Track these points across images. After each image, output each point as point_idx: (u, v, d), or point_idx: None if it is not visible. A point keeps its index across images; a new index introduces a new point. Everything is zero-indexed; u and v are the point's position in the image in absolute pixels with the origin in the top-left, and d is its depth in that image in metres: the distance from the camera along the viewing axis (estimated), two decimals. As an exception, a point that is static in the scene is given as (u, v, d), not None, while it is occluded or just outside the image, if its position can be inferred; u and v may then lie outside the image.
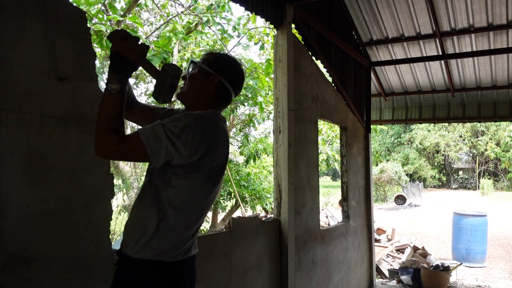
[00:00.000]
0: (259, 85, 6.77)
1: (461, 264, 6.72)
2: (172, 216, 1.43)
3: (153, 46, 5.25)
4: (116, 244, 5.15)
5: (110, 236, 1.88)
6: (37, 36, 1.62)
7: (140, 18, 8.48)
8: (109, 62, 1.41)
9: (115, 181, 2.14)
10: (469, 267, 7.36)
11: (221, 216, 9.33)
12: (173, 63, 1.42)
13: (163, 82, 1.43)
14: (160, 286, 1.43)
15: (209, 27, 6.62)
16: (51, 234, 1.62)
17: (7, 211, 1.49)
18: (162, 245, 1.42)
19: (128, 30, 4.98)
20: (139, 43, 1.38)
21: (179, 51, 7.60)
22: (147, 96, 9.67)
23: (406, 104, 6.54)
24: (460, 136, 29.49)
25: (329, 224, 8.15)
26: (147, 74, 9.80)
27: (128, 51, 1.35)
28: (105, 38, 4.43)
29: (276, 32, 3.47)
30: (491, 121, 6.81)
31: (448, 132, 29.42)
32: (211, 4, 6.13)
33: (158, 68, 1.54)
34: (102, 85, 7.57)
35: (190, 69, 1.61)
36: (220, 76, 1.58)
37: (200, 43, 7.58)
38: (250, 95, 6.85)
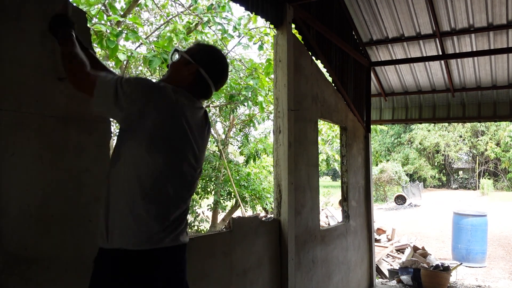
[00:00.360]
0: (259, 85, 6.77)
1: (461, 264, 6.71)
2: (120, 196, 1.41)
3: (153, 46, 5.25)
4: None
5: (110, 236, 1.88)
6: (37, 36, 1.62)
7: (140, 18, 8.48)
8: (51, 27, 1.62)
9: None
10: (469, 267, 7.36)
11: (221, 216, 9.33)
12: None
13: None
14: (119, 275, 1.39)
15: (209, 27, 6.62)
16: (51, 234, 1.62)
17: (7, 211, 1.49)
18: (114, 230, 1.40)
19: (127, 31, 4.99)
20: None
21: (179, 51, 7.59)
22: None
23: (406, 104, 6.54)
24: (460, 136, 29.49)
25: (329, 224, 8.15)
26: (147, 74, 9.80)
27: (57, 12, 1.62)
28: (105, 38, 4.42)
29: (276, 32, 3.47)
30: (491, 121, 6.81)
31: (448, 132, 29.42)
32: (212, 4, 6.13)
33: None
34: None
35: (173, 58, 1.65)
36: (199, 66, 1.60)
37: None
38: (250, 95, 6.85)
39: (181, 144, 1.52)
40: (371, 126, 5.91)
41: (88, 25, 1.87)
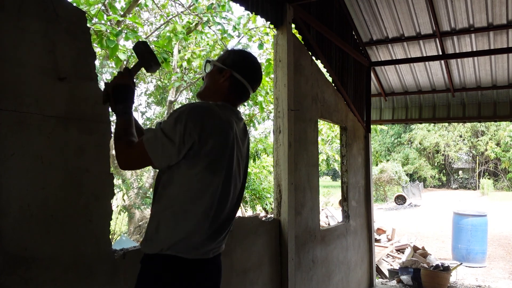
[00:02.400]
0: (259, 85, 6.76)
1: (461, 264, 6.71)
2: (176, 209, 1.45)
3: (153, 46, 5.25)
4: (116, 244, 5.16)
5: (110, 236, 1.88)
6: (37, 36, 1.62)
7: (140, 18, 8.48)
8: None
9: (115, 181, 2.14)
10: (469, 267, 7.36)
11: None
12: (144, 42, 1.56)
13: (145, 60, 1.63)
14: (165, 279, 1.44)
15: (209, 27, 6.62)
16: (51, 234, 1.62)
17: (7, 211, 1.49)
18: (167, 239, 1.44)
19: (128, 30, 4.98)
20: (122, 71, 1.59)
21: (179, 51, 7.60)
22: (147, 96, 9.69)
23: (406, 104, 6.54)
24: (460, 136, 29.49)
25: (329, 224, 8.15)
26: (147, 74, 9.81)
27: (120, 79, 1.55)
28: (105, 38, 4.42)
29: (276, 32, 3.47)
30: (491, 121, 6.81)
31: (448, 132, 29.43)
32: (212, 4, 6.13)
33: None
34: (102, 85, 7.56)
35: (207, 69, 1.66)
36: (232, 70, 1.61)
37: (200, 43, 7.59)
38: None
39: (233, 161, 1.55)
40: (371, 126, 5.91)
41: (88, 25, 1.87)
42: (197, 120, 1.42)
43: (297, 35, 3.86)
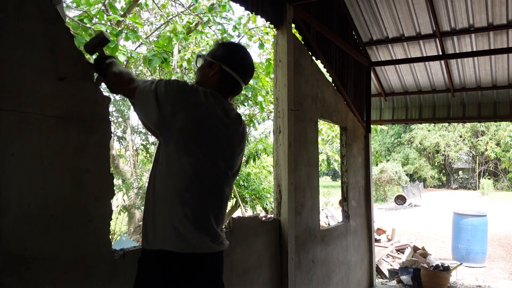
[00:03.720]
0: (259, 85, 6.77)
1: (461, 264, 6.71)
2: (159, 199, 1.46)
3: (153, 46, 5.24)
4: (116, 244, 5.16)
5: (110, 236, 1.88)
6: (37, 36, 1.62)
7: (140, 18, 8.48)
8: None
9: (115, 181, 2.14)
10: (469, 267, 7.36)
11: (221, 216, 9.32)
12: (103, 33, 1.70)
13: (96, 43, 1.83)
14: (159, 275, 1.43)
15: (209, 27, 6.62)
16: (51, 234, 1.62)
17: (8, 211, 1.49)
18: (156, 233, 1.45)
19: (128, 30, 4.98)
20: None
21: (179, 51, 7.60)
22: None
23: (406, 104, 6.54)
24: (460, 136, 29.49)
25: (329, 224, 8.15)
26: (147, 74, 9.81)
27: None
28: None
29: (276, 32, 3.47)
30: (491, 121, 6.81)
31: (448, 132, 29.43)
32: (212, 4, 6.13)
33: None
34: (102, 84, 7.56)
35: (198, 63, 1.69)
36: (221, 63, 1.61)
37: (200, 43, 7.59)
38: (250, 95, 6.85)
39: (211, 145, 1.53)
40: (371, 126, 5.91)
41: (88, 25, 1.87)
42: (180, 89, 1.49)
43: (297, 35, 3.86)
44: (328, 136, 10.18)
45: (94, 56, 1.83)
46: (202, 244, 1.47)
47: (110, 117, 1.91)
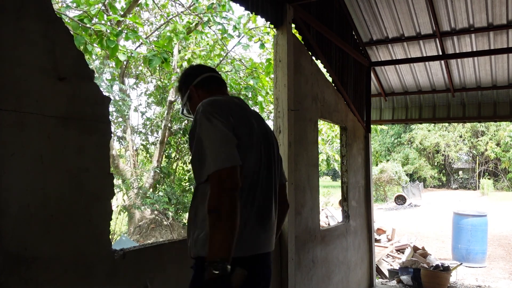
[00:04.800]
0: (259, 85, 6.77)
1: (461, 264, 6.71)
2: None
3: (153, 46, 5.24)
4: (116, 244, 5.16)
5: (110, 236, 1.88)
6: (37, 36, 1.62)
7: (140, 18, 8.48)
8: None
9: (115, 181, 2.14)
10: (469, 267, 7.36)
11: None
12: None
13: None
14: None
15: (209, 27, 6.62)
16: (51, 234, 1.62)
17: (8, 211, 1.49)
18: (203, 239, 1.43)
19: (128, 30, 4.99)
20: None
21: (179, 51, 7.60)
22: (147, 96, 9.69)
23: (406, 104, 6.54)
24: (460, 136, 29.49)
25: (329, 224, 8.15)
26: (147, 74, 9.80)
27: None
28: (105, 38, 4.42)
29: (276, 32, 3.47)
30: (491, 121, 6.81)
31: (448, 132, 29.42)
32: (212, 4, 6.14)
33: None
34: (102, 84, 7.56)
35: (185, 110, 1.77)
36: (189, 85, 1.72)
37: (200, 43, 7.59)
38: (250, 95, 6.85)
39: (257, 147, 1.55)
40: (371, 126, 5.91)
41: (88, 25, 1.87)
42: (220, 109, 1.49)
43: (297, 35, 3.86)
44: (328, 136, 10.18)
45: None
46: (257, 245, 1.53)
47: (110, 117, 1.91)
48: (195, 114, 1.51)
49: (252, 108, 1.78)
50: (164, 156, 8.66)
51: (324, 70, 4.48)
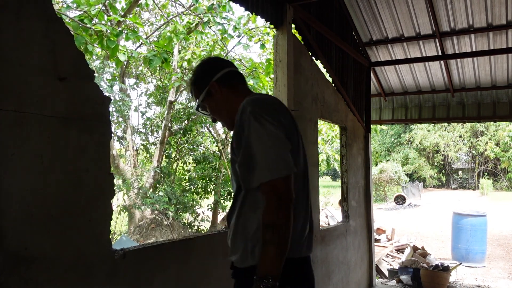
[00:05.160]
0: (259, 85, 6.77)
1: (460, 264, 6.72)
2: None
3: (153, 46, 5.25)
4: (116, 244, 5.17)
5: (110, 236, 1.88)
6: (37, 36, 1.62)
7: (141, 18, 8.49)
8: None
9: (115, 181, 2.14)
10: (468, 267, 7.36)
11: (221, 216, 9.34)
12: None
13: None
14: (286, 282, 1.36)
15: (210, 27, 6.62)
16: (51, 234, 1.62)
17: (8, 211, 1.49)
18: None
19: (128, 31, 4.98)
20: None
21: (179, 52, 7.60)
22: (147, 96, 9.70)
23: (406, 104, 6.54)
24: (460, 136, 29.50)
25: (329, 224, 8.15)
26: (148, 74, 9.80)
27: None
28: (105, 38, 4.42)
29: (276, 32, 3.48)
30: (490, 121, 6.81)
31: (448, 132, 29.44)
32: (212, 4, 6.14)
33: None
34: (102, 84, 7.56)
35: (200, 108, 1.61)
36: (211, 79, 1.55)
37: (200, 43, 7.59)
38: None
39: (302, 150, 1.54)
40: (371, 126, 5.91)
41: (88, 25, 1.86)
42: (270, 109, 1.41)
43: (297, 35, 3.87)
44: (328, 136, 10.18)
45: None
46: (302, 247, 1.52)
47: (110, 117, 1.91)
48: (240, 113, 1.40)
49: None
50: (164, 156, 8.67)
51: (324, 70, 4.48)
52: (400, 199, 19.50)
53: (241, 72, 1.67)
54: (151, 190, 7.75)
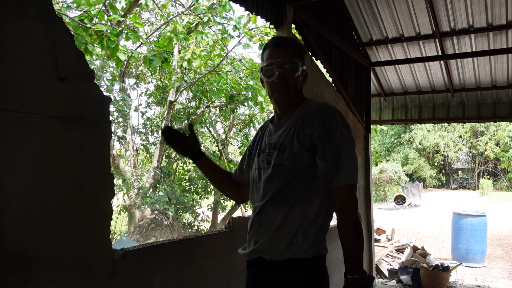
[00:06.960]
0: (259, 85, 6.76)
1: (460, 264, 6.72)
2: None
3: (153, 46, 5.25)
4: (116, 244, 5.16)
5: (110, 236, 1.88)
6: (37, 36, 1.62)
7: (141, 18, 8.49)
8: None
9: (115, 181, 2.14)
10: (468, 267, 7.37)
11: (221, 216, 9.34)
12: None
13: None
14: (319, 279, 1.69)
15: (210, 27, 6.62)
16: (51, 234, 1.62)
17: (8, 211, 1.49)
18: (311, 240, 1.74)
19: (128, 31, 4.97)
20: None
21: (179, 52, 7.61)
22: (147, 96, 9.70)
23: (406, 104, 6.55)
24: (460, 137, 29.51)
25: (328, 224, 8.14)
26: (148, 74, 9.80)
27: None
28: (105, 38, 4.42)
29: (276, 32, 3.47)
30: (490, 121, 6.82)
31: (448, 132, 29.44)
32: (212, 4, 6.14)
33: None
34: (102, 84, 7.56)
35: (297, 73, 1.56)
36: (304, 65, 1.61)
37: (201, 43, 7.59)
38: (250, 95, 6.85)
39: None
40: (371, 126, 5.91)
41: (88, 25, 1.86)
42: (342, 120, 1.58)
43: (297, 35, 3.87)
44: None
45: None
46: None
47: (110, 117, 1.91)
48: (329, 115, 1.52)
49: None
50: (164, 156, 8.67)
51: (324, 70, 4.48)
52: (400, 199, 19.51)
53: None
54: (151, 190, 7.76)
